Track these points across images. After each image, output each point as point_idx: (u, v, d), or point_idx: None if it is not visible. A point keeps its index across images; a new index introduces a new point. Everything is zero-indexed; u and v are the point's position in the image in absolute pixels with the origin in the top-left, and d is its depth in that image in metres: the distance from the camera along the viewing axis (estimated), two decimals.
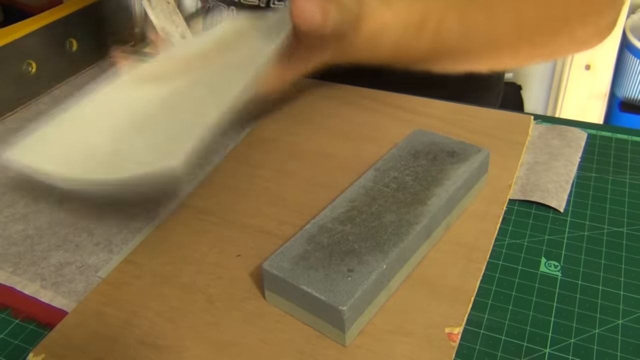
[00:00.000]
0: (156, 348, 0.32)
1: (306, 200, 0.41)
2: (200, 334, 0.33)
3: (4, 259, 0.39)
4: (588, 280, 0.36)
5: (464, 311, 0.33)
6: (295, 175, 0.44)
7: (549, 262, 0.37)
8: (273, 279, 0.33)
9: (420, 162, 0.40)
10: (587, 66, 1.42)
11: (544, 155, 0.45)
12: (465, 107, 0.51)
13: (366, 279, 0.31)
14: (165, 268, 0.37)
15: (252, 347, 0.32)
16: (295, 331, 0.33)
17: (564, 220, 0.40)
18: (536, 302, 0.34)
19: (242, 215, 0.41)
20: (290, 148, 0.47)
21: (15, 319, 0.35)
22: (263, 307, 0.34)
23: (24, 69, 0.56)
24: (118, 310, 0.34)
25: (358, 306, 0.31)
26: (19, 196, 0.44)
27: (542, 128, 0.48)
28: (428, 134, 0.42)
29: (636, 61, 1.36)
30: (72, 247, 0.39)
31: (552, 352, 0.32)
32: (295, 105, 0.52)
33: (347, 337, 0.31)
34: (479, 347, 0.32)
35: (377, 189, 0.38)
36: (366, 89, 0.54)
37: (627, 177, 0.44)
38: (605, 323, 0.33)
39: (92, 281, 0.37)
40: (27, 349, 0.33)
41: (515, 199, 0.41)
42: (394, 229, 0.34)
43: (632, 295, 0.35)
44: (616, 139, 0.48)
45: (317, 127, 0.49)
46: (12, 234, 0.41)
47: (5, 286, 0.37)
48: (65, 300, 0.36)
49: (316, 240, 0.34)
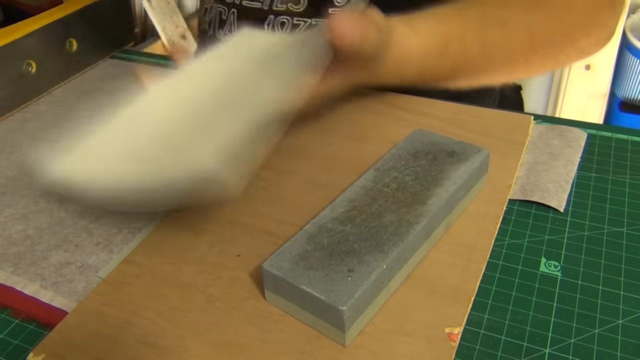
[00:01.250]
0: (156, 348, 0.32)
1: (306, 200, 0.41)
2: (200, 334, 0.33)
3: (4, 259, 0.39)
4: (588, 280, 0.36)
5: (464, 311, 0.33)
6: (295, 175, 0.44)
7: (549, 262, 0.37)
8: (273, 279, 0.33)
9: (420, 162, 0.40)
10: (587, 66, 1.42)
11: (544, 155, 0.45)
12: (465, 107, 0.51)
13: (366, 279, 0.31)
14: (165, 268, 0.37)
15: (252, 347, 0.32)
16: (295, 331, 0.33)
17: (564, 220, 0.40)
18: (536, 302, 0.34)
19: (242, 215, 0.41)
20: (290, 148, 0.47)
21: (15, 319, 0.35)
22: (263, 307, 0.34)
23: (24, 69, 0.56)
24: (118, 310, 0.34)
25: (358, 306, 0.31)
26: (19, 196, 0.44)
27: (542, 128, 0.48)
28: (428, 134, 0.42)
29: (636, 61, 1.36)
30: (72, 247, 0.39)
31: (552, 352, 0.32)
32: None
33: (347, 337, 0.31)
34: (479, 347, 0.32)
35: (377, 189, 0.38)
36: (366, 89, 0.54)
37: (627, 177, 0.44)
38: (605, 323, 0.33)
39: (92, 281, 0.37)
40: (27, 349, 0.33)
41: (515, 199, 0.41)
42: (394, 229, 0.34)
43: (632, 295, 0.35)
44: (616, 139, 0.48)
45: (317, 127, 0.49)
46: (12, 234, 0.41)
47: (5, 286, 0.37)
48: (65, 300, 0.36)
49: (316, 240, 0.34)
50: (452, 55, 0.48)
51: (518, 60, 0.51)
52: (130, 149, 0.38)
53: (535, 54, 0.50)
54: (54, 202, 0.43)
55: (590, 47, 0.52)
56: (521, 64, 0.51)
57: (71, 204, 0.37)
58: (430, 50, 0.47)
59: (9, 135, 0.51)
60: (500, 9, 0.49)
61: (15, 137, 0.51)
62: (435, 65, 0.48)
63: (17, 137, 0.51)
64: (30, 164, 0.33)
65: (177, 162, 0.34)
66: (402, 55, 0.46)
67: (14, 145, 0.50)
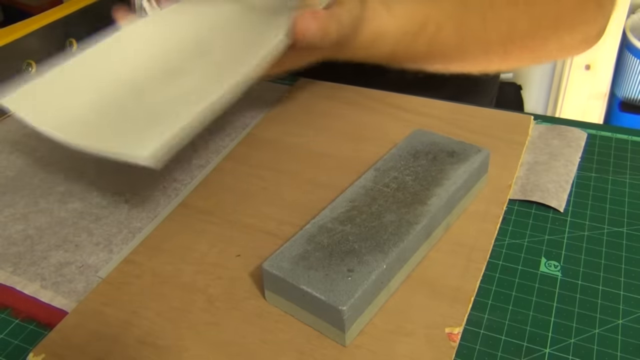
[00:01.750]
0: (156, 348, 0.32)
1: (306, 200, 0.41)
2: (200, 334, 0.33)
3: (4, 259, 0.39)
4: (588, 280, 0.36)
5: (464, 311, 0.33)
6: (295, 175, 0.44)
7: (549, 262, 0.37)
8: (273, 279, 0.33)
9: (420, 162, 0.40)
10: (587, 66, 1.42)
11: (544, 155, 0.45)
12: (465, 107, 0.51)
13: (366, 279, 0.31)
14: (165, 268, 0.37)
15: (252, 347, 0.32)
16: (295, 331, 0.33)
17: (564, 220, 0.40)
18: (536, 302, 0.34)
19: (242, 215, 0.41)
20: (290, 148, 0.47)
21: (15, 319, 0.35)
22: (263, 307, 0.34)
23: (24, 69, 0.56)
24: (118, 310, 0.34)
25: (358, 306, 0.31)
26: (19, 196, 0.44)
27: (542, 128, 0.48)
28: (428, 134, 0.42)
29: (636, 61, 1.36)
30: (72, 247, 0.39)
31: (552, 352, 0.32)
32: (295, 105, 0.52)
33: (347, 337, 0.31)
34: (479, 347, 0.32)
35: (377, 189, 0.38)
36: (366, 89, 0.54)
37: (627, 177, 0.44)
38: (605, 323, 0.33)
39: (92, 281, 0.37)
40: (27, 349, 0.33)
41: (515, 199, 0.41)
42: (394, 229, 0.34)
43: (632, 295, 0.35)
44: (616, 139, 0.48)
45: (317, 127, 0.49)
46: (12, 234, 0.41)
47: (5, 286, 0.37)
48: (65, 300, 0.36)
49: (316, 240, 0.34)
50: (427, 38, 0.48)
51: (496, 51, 0.50)
52: (79, 100, 0.40)
53: (513, 45, 0.50)
54: (54, 202, 0.43)
55: (576, 44, 0.52)
56: (499, 55, 0.51)
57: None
58: (404, 31, 0.47)
59: (9, 135, 0.51)
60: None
61: (15, 137, 0.51)
62: (409, 47, 0.48)
63: (17, 137, 0.51)
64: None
65: (117, 138, 0.36)
66: (375, 33, 0.46)
67: (14, 145, 0.50)
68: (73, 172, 0.46)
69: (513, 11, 0.49)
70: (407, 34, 0.47)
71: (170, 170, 0.46)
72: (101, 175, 0.45)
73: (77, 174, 0.46)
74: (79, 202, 0.43)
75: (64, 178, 0.45)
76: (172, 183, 0.44)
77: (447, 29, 0.48)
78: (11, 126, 0.53)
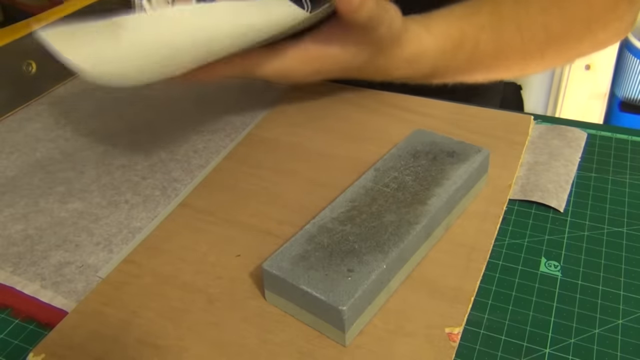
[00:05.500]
0: (156, 348, 0.32)
1: (306, 200, 0.41)
2: (200, 334, 0.33)
3: (4, 259, 0.39)
4: (588, 280, 0.36)
5: (464, 311, 0.33)
6: (295, 175, 0.44)
7: (549, 262, 0.37)
8: (273, 279, 0.33)
9: (420, 162, 0.40)
10: (587, 66, 1.42)
11: (544, 155, 0.45)
12: (465, 107, 0.51)
13: (366, 279, 0.31)
14: (165, 268, 0.37)
15: (252, 347, 0.32)
16: (295, 331, 0.33)
17: (564, 220, 0.40)
18: (536, 302, 0.34)
19: (242, 215, 0.41)
20: (290, 148, 0.47)
21: (15, 319, 0.35)
22: (263, 307, 0.34)
23: (24, 69, 0.56)
24: (118, 310, 0.34)
25: (358, 306, 0.31)
26: (19, 196, 0.44)
27: (542, 128, 0.48)
28: (428, 134, 0.42)
29: (636, 61, 1.36)
30: (72, 247, 0.39)
31: (552, 352, 0.32)
32: (295, 105, 0.52)
33: (347, 337, 0.31)
34: (479, 347, 0.32)
35: (377, 189, 0.38)
36: (366, 89, 0.54)
37: (627, 177, 0.44)
38: (605, 323, 0.33)
39: (92, 281, 0.37)
40: (27, 349, 0.33)
41: (515, 199, 0.41)
42: (394, 229, 0.34)
43: (632, 295, 0.35)
44: (616, 139, 0.48)
45: (317, 127, 0.49)
46: (12, 234, 0.41)
47: (5, 286, 0.37)
48: (65, 300, 0.36)
49: (316, 240, 0.34)
50: (466, 53, 0.49)
51: (533, 56, 0.51)
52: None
53: (549, 48, 0.51)
54: (54, 202, 0.43)
55: (608, 39, 0.53)
56: (536, 59, 0.52)
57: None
58: (444, 50, 0.47)
59: (9, 135, 0.51)
60: (515, 7, 0.49)
61: (15, 137, 0.51)
62: (449, 63, 0.49)
63: (17, 137, 0.51)
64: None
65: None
66: (415, 55, 0.46)
67: (14, 145, 0.50)
68: (73, 172, 0.46)
69: (547, 16, 0.49)
70: (446, 52, 0.48)
71: (170, 170, 0.46)
72: (101, 175, 0.45)
73: (77, 174, 0.46)
74: (79, 202, 0.43)
75: (64, 178, 0.45)
76: (172, 183, 0.44)
77: (485, 41, 0.49)
78: (11, 126, 0.53)
